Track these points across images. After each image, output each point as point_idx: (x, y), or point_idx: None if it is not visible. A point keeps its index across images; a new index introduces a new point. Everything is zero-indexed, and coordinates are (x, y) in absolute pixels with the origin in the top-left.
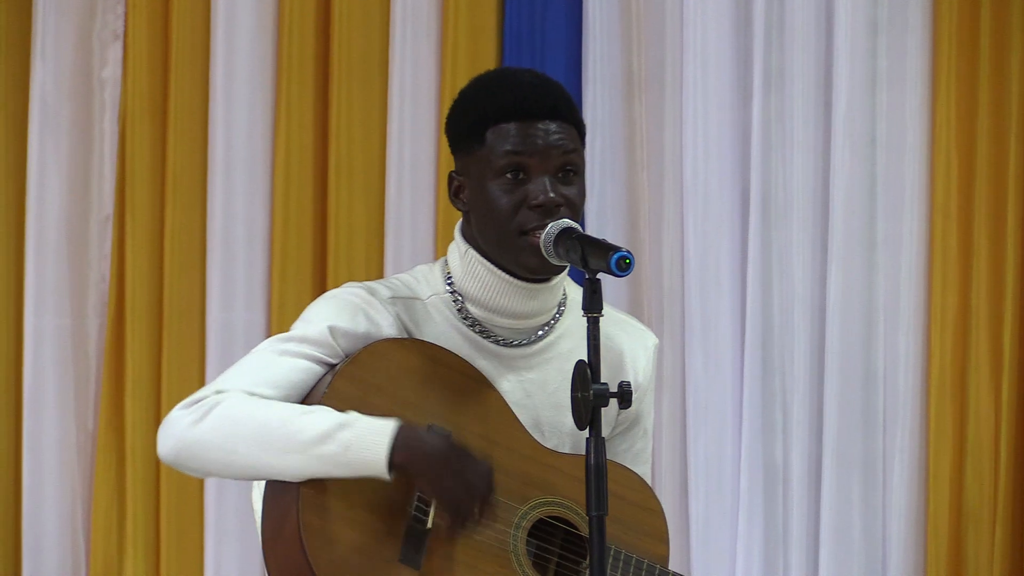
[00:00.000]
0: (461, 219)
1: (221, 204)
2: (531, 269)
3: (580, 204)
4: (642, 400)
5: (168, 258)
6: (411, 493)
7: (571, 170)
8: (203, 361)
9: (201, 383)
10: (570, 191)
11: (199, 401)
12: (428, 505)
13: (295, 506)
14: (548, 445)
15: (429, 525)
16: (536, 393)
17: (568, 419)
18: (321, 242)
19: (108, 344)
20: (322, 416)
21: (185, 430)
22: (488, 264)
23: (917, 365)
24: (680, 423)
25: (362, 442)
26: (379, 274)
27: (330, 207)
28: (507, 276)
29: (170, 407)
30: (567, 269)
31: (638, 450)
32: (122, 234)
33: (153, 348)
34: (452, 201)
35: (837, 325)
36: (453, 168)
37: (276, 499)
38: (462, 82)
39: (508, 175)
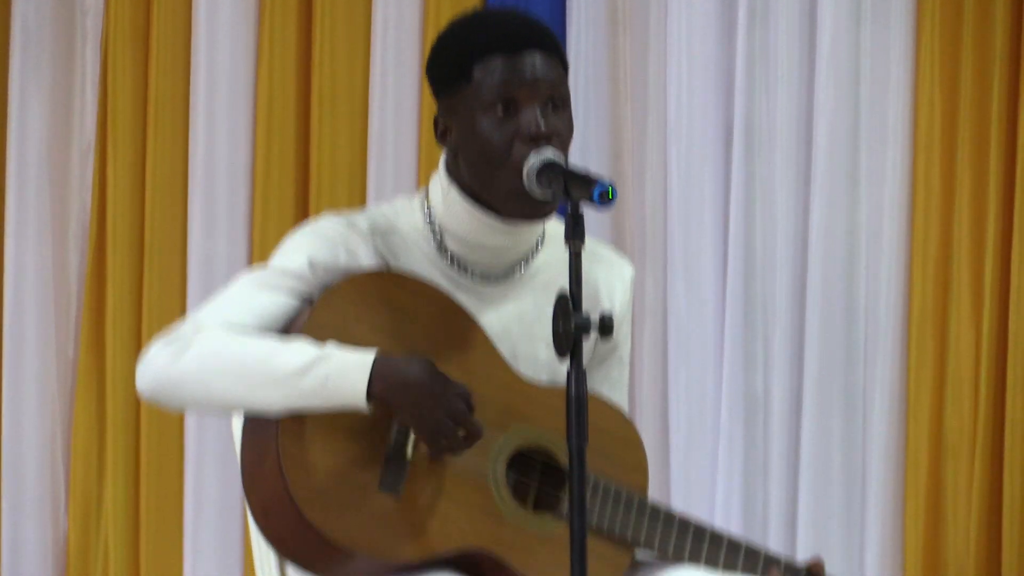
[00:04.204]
0: (445, 153)
1: (203, 134)
2: (520, 215)
3: (568, 137)
4: (619, 330)
5: (150, 188)
6: (391, 421)
7: (559, 101)
8: (184, 291)
9: (182, 313)
10: (559, 122)
11: (177, 337)
12: (408, 433)
13: (274, 435)
14: (522, 375)
15: (409, 453)
16: (513, 326)
17: (543, 350)
18: (303, 173)
19: (89, 273)
20: (299, 350)
21: (163, 367)
22: (469, 205)
23: (898, 298)
24: (661, 355)
25: (340, 375)
26: (362, 206)
27: (313, 138)
28: (487, 218)
29: (151, 336)
30: (552, 212)
31: (615, 378)
32: (104, 164)
33: (134, 277)
34: (439, 143)
35: (819, 258)
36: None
37: (255, 429)
38: (446, 13)
39: (498, 109)
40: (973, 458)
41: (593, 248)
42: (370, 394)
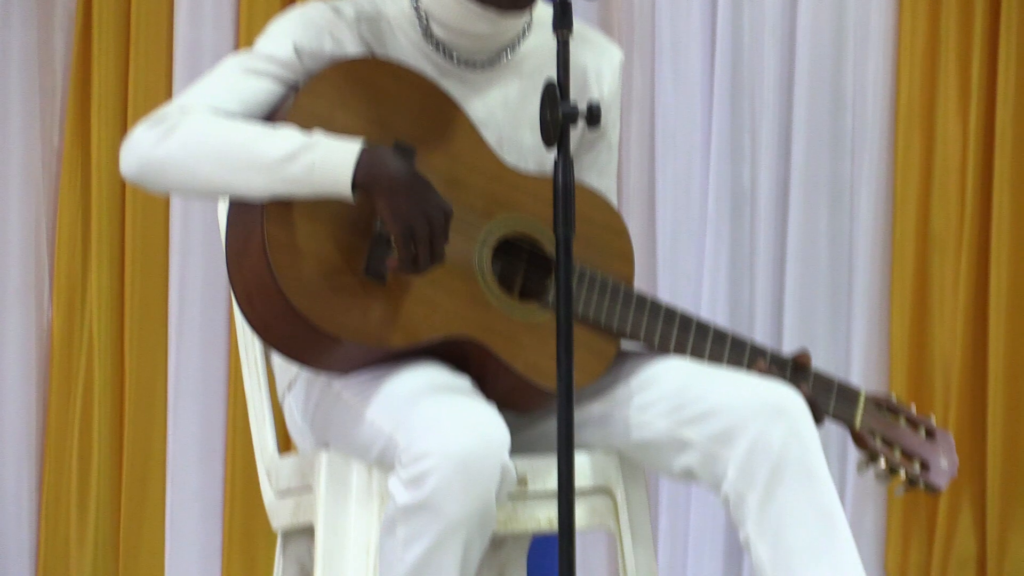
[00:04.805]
0: None
1: None
2: (507, 5)
3: None
4: (607, 115)
5: None
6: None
7: None
8: (170, 77)
9: (168, 99)
10: None
11: (162, 119)
12: None
13: (260, 220)
14: (509, 163)
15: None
16: (499, 112)
17: (527, 136)
18: None
19: (75, 60)
20: (286, 136)
21: (149, 149)
22: None
23: (885, 91)
24: (648, 146)
25: (326, 164)
26: None
27: None
28: (472, 5)
29: (136, 123)
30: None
31: (602, 163)
32: None
33: (120, 64)
34: None
35: (806, 50)
36: None
37: (241, 214)
38: None
39: None
40: (960, 251)
41: (582, 32)
42: (355, 183)
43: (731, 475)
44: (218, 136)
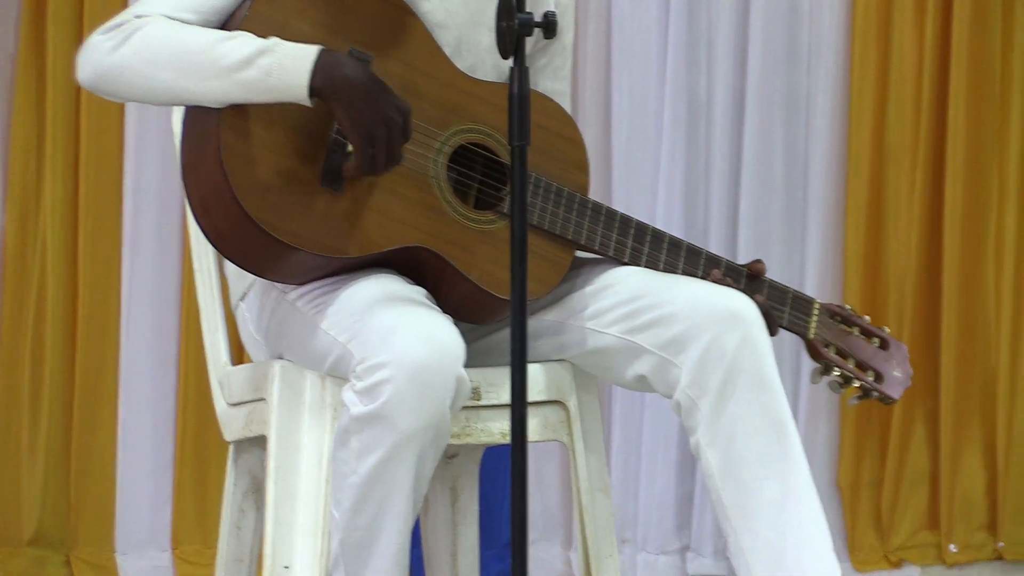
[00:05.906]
0: None
1: None
2: None
3: None
4: (563, 17)
5: None
6: (333, 118)
7: None
8: None
9: (124, 6)
10: None
11: (119, 26)
12: None
13: (216, 128)
14: (466, 64)
15: (350, 150)
16: (458, 12)
17: (486, 37)
18: None
19: None
20: (243, 42)
21: (104, 56)
22: None
23: (842, 2)
24: (605, 55)
25: (283, 67)
26: None
27: None
28: None
29: (92, 29)
30: None
31: (557, 66)
32: None
33: None
34: None
35: None
36: None
37: (197, 121)
38: None
39: None
40: (915, 164)
41: None
42: (312, 88)
43: (684, 381)
44: (174, 42)
